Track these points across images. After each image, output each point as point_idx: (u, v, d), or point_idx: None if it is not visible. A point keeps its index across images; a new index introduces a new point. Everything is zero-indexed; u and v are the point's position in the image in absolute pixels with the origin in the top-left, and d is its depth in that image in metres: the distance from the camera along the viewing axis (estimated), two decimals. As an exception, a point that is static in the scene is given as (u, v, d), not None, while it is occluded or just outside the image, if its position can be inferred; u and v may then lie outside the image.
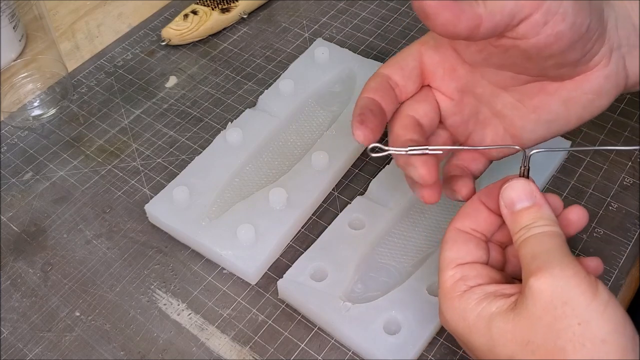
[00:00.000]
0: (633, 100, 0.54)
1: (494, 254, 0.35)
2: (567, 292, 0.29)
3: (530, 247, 0.32)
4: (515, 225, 0.33)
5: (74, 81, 0.59)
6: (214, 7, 0.62)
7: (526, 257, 0.31)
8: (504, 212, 0.34)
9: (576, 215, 0.35)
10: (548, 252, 0.31)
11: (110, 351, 0.42)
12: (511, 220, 0.33)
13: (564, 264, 0.30)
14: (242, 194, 0.48)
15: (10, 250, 0.47)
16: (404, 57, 0.38)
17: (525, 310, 0.30)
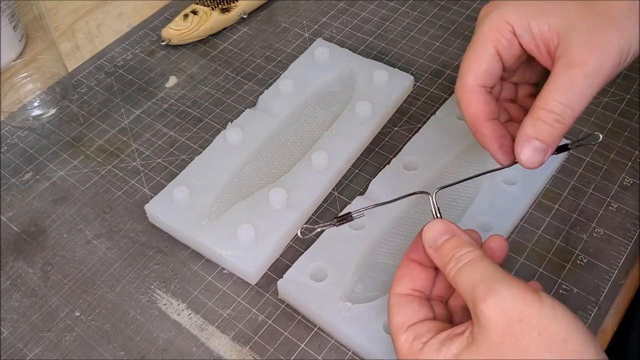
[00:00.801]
0: (633, 100, 0.54)
1: (439, 310, 0.36)
2: (518, 308, 0.30)
3: (467, 276, 0.32)
4: (443, 259, 0.33)
5: (74, 81, 0.59)
6: (214, 7, 0.62)
7: (467, 287, 0.31)
8: (430, 252, 0.34)
9: (497, 244, 0.36)
10: (486, 276, 0.31)
11: (110, 351, 0.42)
12: (437, 256, 0.34)
13: (506, 282, 0.30)
14: (242, 194, 0.48)
15: (10, 250, 0.47)
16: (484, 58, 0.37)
17: (485, 339, 0.30)
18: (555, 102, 0.34)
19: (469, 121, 0.37)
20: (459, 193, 0.47)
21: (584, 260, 0.44)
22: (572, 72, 0.34)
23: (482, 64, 0.36)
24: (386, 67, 0.55)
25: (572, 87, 0.34)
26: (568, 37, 0.34)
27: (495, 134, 0.37)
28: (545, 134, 0.35)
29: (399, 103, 0.55)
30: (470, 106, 0.37)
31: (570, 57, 0.34)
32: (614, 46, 0.34)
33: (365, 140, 0.52)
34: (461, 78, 0.37)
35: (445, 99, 0.54)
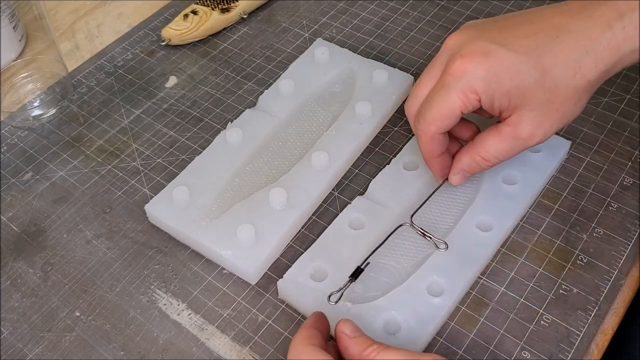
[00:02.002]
0: (633, 100, 0.54)
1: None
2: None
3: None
4: (362, 344, 0.36)
5: (74, 81, 0.59)
6: (214, 7, 0.62)
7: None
8: (344, 337, 0.37)
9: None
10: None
11: (110, 351, 0.42)
12: (354, 342, 0.36)
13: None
14: (242, 194, 0.48)
15: (10, 250, 0.47)
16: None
17: None
18: (492, 156, 0.42)
19: (425, 156, 0.45)
20: (458, 193, 0.47)
21: (584, 260, 0.44)
22: (515, 142, 0.41)
23: (446, 121, 0.41)
24: (386, 67, 0.55)
25: (510, 152, 0.42)
26: (521, 115, 0.40)
27: (441, 166, 0.45)
28: (475, 170, 0.44)
29: (399, 103, 0.55)
30: (428, 147, 0.43)
31: (519, 133, 0.40)
32: (553, 130, 0.41)
33: (365, 140, 0.52)
34: (426, 124, 0.42)
35: (445, 99, 0.54)
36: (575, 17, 0.39)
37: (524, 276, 0.44)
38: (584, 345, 0.40)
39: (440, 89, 0.41)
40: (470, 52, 0.40)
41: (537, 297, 0.42)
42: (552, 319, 0.41)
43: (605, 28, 0.38)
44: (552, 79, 0.39)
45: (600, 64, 0.39)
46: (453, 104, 0.40)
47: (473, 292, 0.43)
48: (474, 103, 0.40)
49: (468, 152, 0.44)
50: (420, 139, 0.43)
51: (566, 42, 0.39)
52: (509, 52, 0.39)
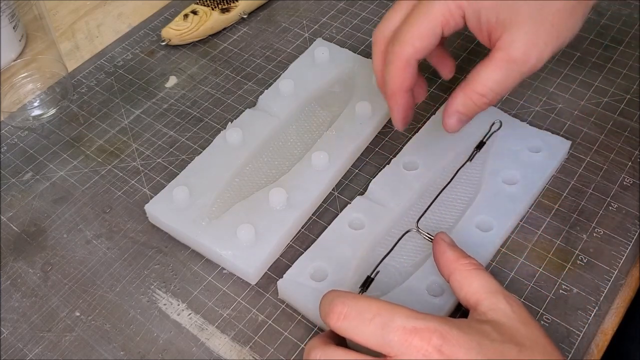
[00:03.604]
0: (633, 100, 0.54)
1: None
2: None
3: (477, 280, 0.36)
4: (460, 253, 0.38)
5: (74, 81, 0.59)
6: (214, 7, 0.62)
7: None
8: (443, 244, 0.38)
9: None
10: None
11: (110, 351, 0.42)
12: (453, 249, 0.38)
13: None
14: (242, 194, 0.48)
15: (10, 250, 0.47)
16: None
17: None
18: (488, 89, 0.38)
19: (392, 88, 0.40)
20: (458, 193, 0.47)
21: (584, 260, 0.44)
22: (510, 67, 0.37)
23: (425, 41, 0.37)
24: (386, 67, 0.55)
25: (506, 79, 0.37)
26: (512, 33, 0.36)
27: (406, 105, 0.41)
28: (472, 111, 0.40)
29: (399, 103, 0.55)
30: (399, 75, 0.39)
31: (512, 53, 0.36)
32: (549, 49, 0.37)
33: (365, 140, 0.52)
34: (401, 45, 0.38)
35: (445, 99, 0.54)
36: None
37: (524, 276, 0.44)
38: (584, 345, 0.40)
39: (421, 6, 0.37)
40: None
41: (537, 297, 0.42)
42: (552, 319, 0.41)
43: None
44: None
45: None
46: (434, 19, 0.37)
47: (473, 292, 0.43)
48: (458, 20, 0.37)
49: (461, 89, 0.39)
50: (393, 65, 0.39)
51: None
52: None
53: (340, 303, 0.33)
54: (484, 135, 0.50)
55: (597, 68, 0.56)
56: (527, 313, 0.34)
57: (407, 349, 0.31)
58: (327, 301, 0.34)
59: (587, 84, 0.55)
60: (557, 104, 0.54)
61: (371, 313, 0.32)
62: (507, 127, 0.50)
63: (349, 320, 0.33)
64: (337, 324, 0.33)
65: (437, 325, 0.31)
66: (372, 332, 0.32)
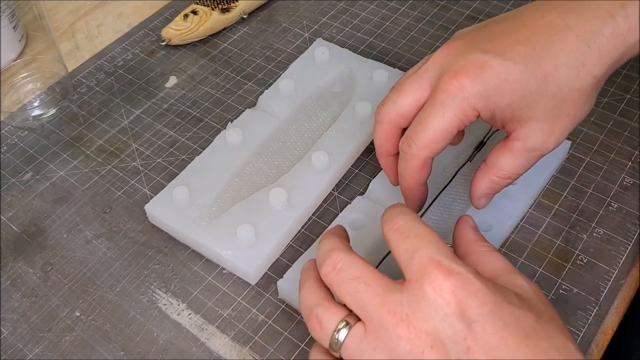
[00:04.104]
0: (633, 100, 0.54)
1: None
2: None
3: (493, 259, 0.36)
4: (478, 236, 0.38)
5: (74, 81, 0.59)
6: (214, 7, 0.62)
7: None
8: (467, 225, 0.39)
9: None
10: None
11: (110, 351, 0.42)
12: (474, 231, 0.39)
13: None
14: (242, 194, 0.48)
15: (10, 250, 0.47)
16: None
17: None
18: (511, 174, 0.40)
19: (408, 184, 0.41)
20: (459, 193, 0.47)
21: (584, 260, 0.44)
22: (529, 155, 0.39)
23: (442, 143, 0.39)
24: (386, 67, 0.55)
25: (527, 164, 0.39)
26: (528, 128, 0.38)
27: (422, 195, 0.43)
28: (498, 190, 0.41)
29: (399, 103, 0.55)
30: (416, 175, 0.40)
31: (531, 145, 0.38)
32: (565, 133, 0.38)
33: (365, 140, 0.52)
34: (418, 149, 0.39)
35: (445, 99, 0.54)
36: (570, 11, 0.36)
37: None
38: (584, 345, 0.40)
39: (433, 107, 0.38)
40: (464, 66, 0.36)
41: (537, 297, 0.42)
42: (552, 319, 0.41)
43: (606, 18, 0.35)
44: (555, 83, 0.36)
45: (606, 58, 0.36)
46: (450, 123, 0.37)
47: (473, 292, 0.43)
48: (472, 119, 0.38)
49: (484, 175, 0.41)
50: (410, 164, 0.40)
51: (565, 40, 0.36)
52: (504, 62, 0.36)
53: (402, 219, 0.34)
54: (484, 135, 0.50)
55: (597, 68, 0.56)
56: (543, 295, 0.34)
57: (424, 278, 0.30)
58: (392, 213, 0.35)
59: (587, 84, 0.55)
60: (557, 104, 0.54)
61: (415, 232, 0.32)
62: (507, 127, 0.50)
63: (397, 232, 0.33)
64: (389, 232, 0.34)
65: (462, 269, 0.30)
66: (405, 248, 0.32)
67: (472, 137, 0.50)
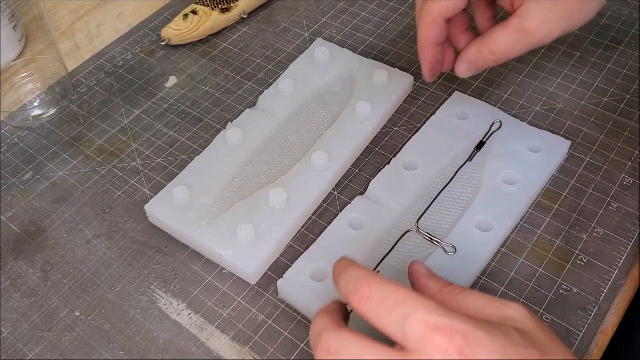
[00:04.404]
0: (633, 100, 0.54)
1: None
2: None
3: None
4: (441, 283, 0.36)
5: (74, 81, 0.59)
6: (214, 7, 0.62)
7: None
8: (421, 276, 0.37)
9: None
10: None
11: (110, 351, 0.42)
12: (433, 280, 0.36)
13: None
14: (242, 194, 0.48)
15: (10, 250, 0.47)
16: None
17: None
18: (498, 49, 0.43)
19: (420, 42, 0.46)
20: (459, 193, 0.47)
21: (584, 260, 0.44)
22: (520, 35, 0.42)
23: (451, 1, 0.43)
24: (386, 67, 0.55)
25: (515, 45, 0.43)
26: (529, 6, 0.41)
27: (434, 58, 0.47)
28: (481, 64, 0.45)
29: (399, 103, 0.55)
30: (427, 32, 0.45)
31: (525, 24, 0.41)
32: (559, 27, 0.41)
33: (365, 140, 0.52)
34: (430, 4, 0.44)
35: (445, 99, 0.54)
36: None
37: (524, 276, 0.44)
38: (584, 345, 0.40)
39: None
40: None
41: (537, 297, 0.42)
42: (552, 319, 0.41)
43: None
44: None
45: None
46: None
47: (473, 292, 0.43)
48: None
49: (476, 42, 0.45)
50: (422, 21, 0.45)
51: None
52: None
53: (366, 285, 0.31)
54: (484, 135, 0.50)
55: (597, 68, 0.56)
56: (536, 318, 0.33)
57: (426, 346, 0.29)
58: (352, 279, 0.32)
59: (587, 84, 0.55)
60: (557, 104, 0.54)
61: (395, 301, 0.30)
62: (507, 127, 0.50)
63: (372, 304, 0.31)
64: (359, 305, 0.31)
65: (461, 324, 0.29)
66: (393, 321, 0.30)
67: (472, 137, 0.50)
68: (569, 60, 0.57)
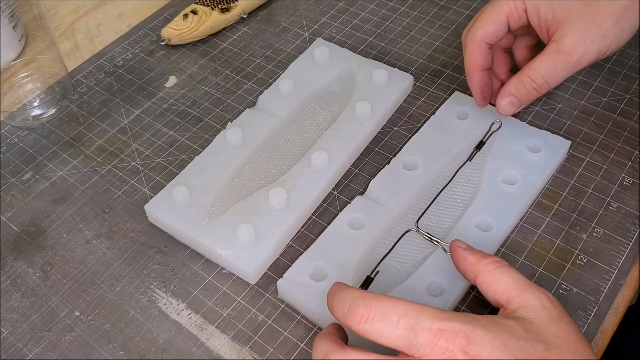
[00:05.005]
0: (633, 100, 0.54)
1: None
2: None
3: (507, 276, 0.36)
4: (480, 254, 0.38)
5: (74, 81, 0.59)
6: (214, 7, 0.62)
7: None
8: (461, 250, 0.39)
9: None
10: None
11: (110, 351, 0.42)
12: (473, 252, 0.38)
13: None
14: (242, 194, 0.48)
15: (10, 250, 0.47)
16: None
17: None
18: (539, 76, 0.45)
19: (468, 67, 0.48)
20: (458, 193, 0.47)
21: (584, 260, 0.44)
22: (558, 57, 0.44)
23: (492, 27, 0.46)
24: (386, 67, 0.55)
25: (555, 69, 0.44)
26: (565, 29, 0.43)
27: (482, 82, 0.48)
28: (522, 95, 0.46)
29: (399, 103, 0.55)
30: (472, 56, 0.47)
31: (562, 46, 0.43)
32: (595, 47, 0.43)
33: (365, 140, 0.52)
34: (473, 31, 0.47)
35: (445, 99, 0.54)
36: None
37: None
38: (584, 345, 0.40)
39: (490, 3, 0.46)
40: None
41: (537, 297, 0.42)
42: (552, 319, 0.41)
43: None
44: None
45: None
46: (501, 10, 0.45)
47: (473, 292, 0.43)
48: (521, 13, 0.45)
49: (516, 76, 0.46)
50: (467, 47, 0.47)
51: None
52: None
53: (363, 305, 0.32)
54: (484, 135, 0.50)
55: (597, 68, 0.56)
56: (558, 308, 0.34)
57: (433, 350, 0.31)
58: (345, 302, 0.33)
59: (587, 84, 0.55)
60: (557, 104, 0.54)
61: (397, 315, 0.32)
62: (507, 127, 0.50)
63: (373, 323, 0.32)
64: (359, 327, 0.32)
65: (462, 325, 0.31)
66: (399, 335, 0.31)
67: (472, 137, 0.50)
68: (569, 60, 0.57)
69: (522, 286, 0.35)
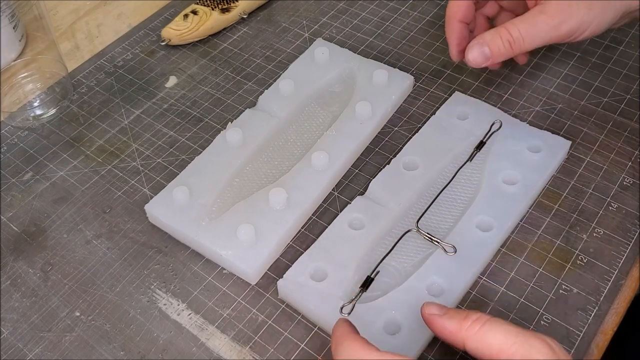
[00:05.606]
0: (633, 100, 0.54)
1: None
2: None
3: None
4: (458, 316, 0.34)
5: (74, 81, 0.59)
6: (214, 7, 0.62)
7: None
8: (436, 318, 0.35)
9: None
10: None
11: (110, 351, 0.42)
12: (448, 318, 0.35)
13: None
14: (242, 194, 0.48)
15: (10, 250, 0.47)
16: None
17: None
18: (516, 29, 0.45)
19: (448, 15, 0.49)
20: (458, 193, 0.47)
21: (584, 260, 0.44)
22: (539, 17, 0.44)
23: None
24: (386, 67, 0.55)
25: (533, 26, 0.44)
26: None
27: (459, 34, 0.49)
28: (495, 46, 0.45)
29: (399, 103, 0.55)
30: (455, 5, 0.48)
31: (545, 7, 0.44)
32: (579, 16, 0.44)
33: (365, 140, 0.52)
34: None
35: (445, 99, 0.54)
36: None
37: (524, 276, 0.44)
38: (584, 345, 0.40)
39: None
40: None
41: (537, 297, 0.42)
42: (552, 319, 0.41)
43: None
44: None
45: None
46: None
47: (473, 292, 0.43)
48: None
49: (495, 28, 0.46)
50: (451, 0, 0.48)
51: None
52: None
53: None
54: (484, 135, 0.50)
55: (597, 68, 0.56)
56: (557, 351, 0.32)
57: None
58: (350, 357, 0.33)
59: (587, 84, 0.55)
60: (557, 104, 0.54)
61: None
62: (507, 127, 0.50)
63: None
64: None
65: None
66: None
67: (472, 137, 0.50)
68: (569, 60, 0.57)
69: (517, 339, 0.32)
